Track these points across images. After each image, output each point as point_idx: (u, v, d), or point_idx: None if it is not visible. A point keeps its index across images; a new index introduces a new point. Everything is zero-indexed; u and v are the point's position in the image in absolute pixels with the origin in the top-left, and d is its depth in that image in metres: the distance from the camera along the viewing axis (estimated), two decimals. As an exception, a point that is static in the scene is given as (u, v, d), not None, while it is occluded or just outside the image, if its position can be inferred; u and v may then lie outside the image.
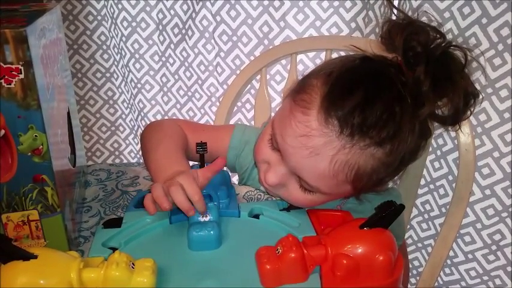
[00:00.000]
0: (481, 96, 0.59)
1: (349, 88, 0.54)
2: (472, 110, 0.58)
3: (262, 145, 0.63)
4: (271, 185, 0.61)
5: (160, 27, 1.16)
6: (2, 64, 0.43)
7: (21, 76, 0.44)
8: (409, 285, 1.08)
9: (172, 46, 1.17)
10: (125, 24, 1.17)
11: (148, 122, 1.27)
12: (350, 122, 0.53)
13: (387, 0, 0.96)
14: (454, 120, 0.58)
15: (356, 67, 0.58)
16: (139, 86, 1.24)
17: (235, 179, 0.84)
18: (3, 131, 0.46)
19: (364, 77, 0.55)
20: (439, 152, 0.98)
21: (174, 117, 1.24)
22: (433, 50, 0.55)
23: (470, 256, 0.99)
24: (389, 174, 0.58)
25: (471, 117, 0.89)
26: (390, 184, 0.73)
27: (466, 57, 0.57)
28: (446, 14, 0.89)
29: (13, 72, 0.44)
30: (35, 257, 0.43)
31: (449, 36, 0.58)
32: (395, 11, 0.63)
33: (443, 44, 0.56)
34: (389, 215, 0.46)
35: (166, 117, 1.26)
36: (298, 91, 0.59)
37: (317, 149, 0.55)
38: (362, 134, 0.53)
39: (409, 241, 1.09)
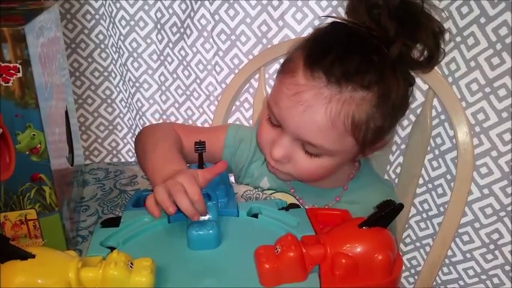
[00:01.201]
0: (447, 34, 0.66)
1: (327, 46, 0.60)
2: (443, 47, 0.63)
3: (262, 127, 0.66)
4: (278, 158, 0.63)
5: (159, 26, 1.16)
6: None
7: (19, 75, 0.44)
8: (407, 285, 1.08)
9: (170, 45, 1.17)
10: (123, 23, 1.17)
11: (146, 121, 1.27)
12: (334, 72, 0.57)
13: None
14: (429, 59, 0.62)
15: (329, 30, 0.64)
16: (137, 85, 1.23)
17: (232, 178, 0.84)
18: (0, 130, 0.45)
19: (339, 35, 0.62)
20: (437, 151, 0.98)
21: (168, 121, 1.25)
22: (391, 1, 0.60)
23: (468, 255, 0.99)
24: (386, 120, 0.61)
25: (470, 117, 0.90)
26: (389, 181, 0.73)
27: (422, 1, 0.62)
28: (445, 14, 0.89)
29: (11, 71, 0.44)
30: (33, 256, 0.43)
31: (447, 36, 0.63)
32: None
33: None
34: (388, 214, 0.46)
35: (164, 116, 1.26)
36: (283, 65, 0.65)
37: (310, 102, 0.58)
38: (347, 80, 0.57)
39: (407, 240, 1.09)
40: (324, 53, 0.59)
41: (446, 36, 0.64)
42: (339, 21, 0.64)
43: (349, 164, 0.71)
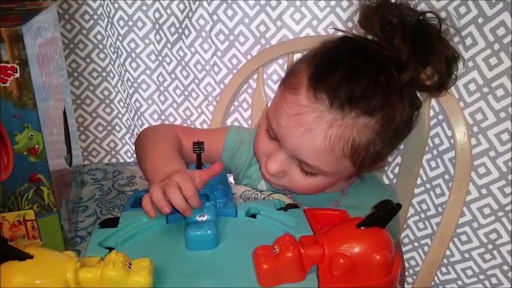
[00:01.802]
0: (461, 64, 0.63)
1: (333, 64, 0.57)
2: (456, 73, 0.61)
3: (260, 138, 0.65)
4: (273, 172, 0.62)
5: (157, 26, 1.15)
6: (-3, 63, 0.43)
7: (17, 75, 0.44)
8: (405, 285, 1.08)
9: (168, 45, 1.17)
10: (121, 23, 1.17)
11: (144, 122, 1.27)
12: (338, 94, 0.55)
13: None
14: (439, 85, 0.60)
15: (338, 46, 0.61)
16: (135, 85, 1.23)
17: (230, 179, 0.84)
18: (-2, 131, 0.45)
19: (346, 53, 0.58)
20: (435, 152, 0.98)
21: (167, 122, 1.25)
22: (408, 20, 0.58)
23: (466, 255, 0.99)
24: (386, 146, 0.60)
25: (468, 117, 0.90)
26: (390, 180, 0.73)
27: (440, 23, 0.60)
28: (443, 14, 0.89)
29: (9, 71, 0.44)
30: (31, 257, 0.42)
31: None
32: None
33: (418, 14, 0.59)
34: (386, 214, 0.46)
35: (163, 117, 1.26)
36: (286, 78, 0.62)
37: (310, 125, 0.56)
38: (351, 104, 0.55)
39: (406, 240, 1.09)
40: (329, 72, 0.56)
41: (460, 65, 0.62)
42: (348, 35, 0.62)
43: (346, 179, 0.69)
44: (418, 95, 0.63)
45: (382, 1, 0.61)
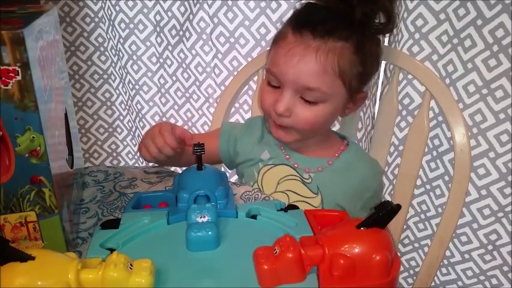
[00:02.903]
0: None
1: (308, 13, 0.73)
2: (397, 13, 0.77)
3: (264, 92, 0.76)
4: (282, 111, 0.71)
5: (158, 28, 1.16)
6: (-1, 66, 0.43)
7: (19, 78, 0.44)
8: (405, 285, 1.08)
9: (169, 48, 1.17)
10: (123, 26, 1.17)
11: (146, 123, 1.28)
12: (317, 29, 0.70)
13: None
14: (387, 22, 0.73)
15: (307, 5, 0.75)
16: (137, 87, 1.24)
17: (234, 178, 0.84)
18: (0, 133, 0.46)
19: (315, 7, 0.74)
20: (435, 153, 0.98)
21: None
22: None
23: (466, 256, 1.00)
24: (365, 67, 0.72)
25: (467, 118, 0.90)
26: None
27: None
28: (442, 16, 0.90)
29: (10, 74, 0.44)
30: (33, 258, 0.43)
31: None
32: None
33: None
34: (385, 215, 0.46)
35: (164, 119, 1.27)
36: (274, 38, 0.76)
37: (302, 53, 0.69)
38: (329, 34, 0.69)
39: (406, 241, 1.10)
40: (307, 18, 0.72)
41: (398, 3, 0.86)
42: (312, 1, 0.76)
43: (338, 139, 0.82)
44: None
45: None
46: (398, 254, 0.50)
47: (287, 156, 0.79)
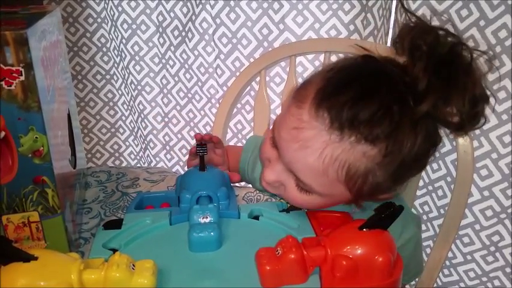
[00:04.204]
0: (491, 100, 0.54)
1: (344, 83, 0.53)
2: (483, 115, 0.53)
3: (265, 143, 0.63)
4: (268, 181, 0.60)
5: (160, 29, 1.16)
6: (2, 66, 0.44)
7: (22, 78, 0.44)
8: (408, 286, 1.08)
9: (172, 48, 1.17)
10: (125, 26, 1.17)
11: (148, 124, 1.28)
12: (340, 115, 0.51)
13: (400, 2, 0.95)
14: (459, 125, 0.53)
15: (357, 64, 0.56)
16: (139, 87, 1.24)
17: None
18: (3, 133, 0.46)
19: (362, 73, 0.54)
20: (437, 154, 0.98)
21: (170, 123, 1.26)
22: (438, 49, 0.52)
23: (469, 257, 0.99)
24: (388, 179, 0.54)
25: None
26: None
27: (471, 56, 0.53)
28: (444, 16, 0.89)
29: (14, 74, 0.44)
30: (35, 258, 0.43)
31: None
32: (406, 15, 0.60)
33: (451, 44, 0.53)
34: (388, 216, 0.46)
35: (166, 119, 1.27)
36: (298, 88, 0.59)
37: (306, 142, 0.53)
38: (352, 128, 0.51)
39: (408, 242, 1.09)
40: (337, 91, 0.52)
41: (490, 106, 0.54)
42: (371, 54, 0.56)
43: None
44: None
45: (419, 22, 0.55)
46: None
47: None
